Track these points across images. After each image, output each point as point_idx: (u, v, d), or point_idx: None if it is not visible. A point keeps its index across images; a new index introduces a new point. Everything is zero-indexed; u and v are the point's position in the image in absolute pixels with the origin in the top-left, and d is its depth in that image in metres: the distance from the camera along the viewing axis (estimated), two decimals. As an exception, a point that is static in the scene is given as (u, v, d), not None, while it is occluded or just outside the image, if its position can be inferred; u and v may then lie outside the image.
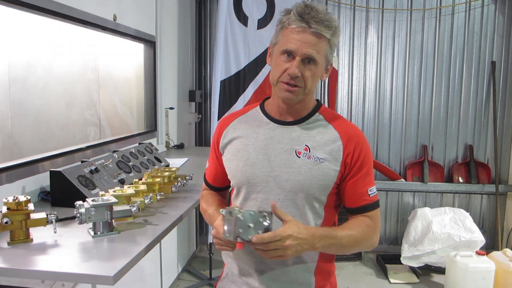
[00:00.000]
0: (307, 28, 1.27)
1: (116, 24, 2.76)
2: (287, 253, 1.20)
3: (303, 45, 1.27)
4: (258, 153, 1.39)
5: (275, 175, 1.36)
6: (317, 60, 1.30)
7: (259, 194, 1.38)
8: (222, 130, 1.50)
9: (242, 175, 1.41)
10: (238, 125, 1.48)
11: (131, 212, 1.64)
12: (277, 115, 1.42)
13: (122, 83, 3.18)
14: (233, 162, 1.44)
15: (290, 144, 1.37)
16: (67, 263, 1.32)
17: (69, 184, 1.84)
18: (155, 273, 3.30)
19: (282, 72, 1.31)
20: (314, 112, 1.42)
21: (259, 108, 1.49)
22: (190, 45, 4.34)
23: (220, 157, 1.51)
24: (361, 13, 4.29)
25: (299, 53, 1.28)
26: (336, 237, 1.30)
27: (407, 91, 4.33)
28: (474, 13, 4.17)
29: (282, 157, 1.36)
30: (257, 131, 1.43)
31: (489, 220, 4.35)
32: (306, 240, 1.22)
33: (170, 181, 2.21)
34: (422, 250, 3.79)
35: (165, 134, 3.67)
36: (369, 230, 1.37)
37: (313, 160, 1.34)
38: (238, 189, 1.45)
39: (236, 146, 1.45)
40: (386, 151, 4.41)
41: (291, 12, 1.30)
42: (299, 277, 1.41)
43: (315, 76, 1.33)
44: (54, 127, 2.37)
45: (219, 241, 1.26)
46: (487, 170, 4.28)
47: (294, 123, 1.40)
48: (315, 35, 1.27)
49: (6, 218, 1.40)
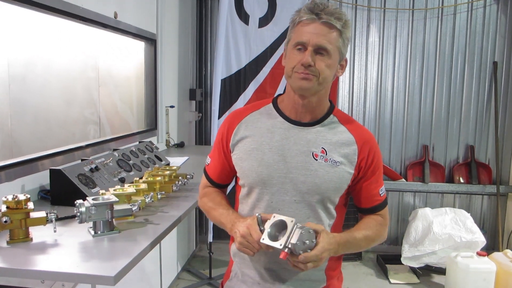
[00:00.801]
0: (317, 19, 1.28)
1: (117, 21, 2.74)
2: (319, 264, 1.24)
3: (314, 36, 1.28)
4: (273, 154, 1.38)
5: (292, 177, 1.36)
6: (329, 50, 1.29)
7: (274, 195, 1.38)
8: (233, 126, 1.46)
9: (257, 176, 1.38)
10: (251, 122, 1.45)
11: (132, 211, 1.62)
12: (293, 114, 1.41)
13: (122, 81, 3.16)
14: (247, 161, 1.41)
15: (307, 146, 1.37)
16: (67, 263, 1.30)
17: (69, 182, 1.82)
18: (155, 273, 3.28)
19: (295, 63, 1.31)
20: (329, 114, 1.42)
21: (272, 105, 1.47)
22: (190, 44, 4.32)
23: (228, 154, 1.47)
24: (363, 12, 4.27)
25: (310, 43, 1.28)
26: (355, 240, 1.35)
27: (409, 91, 4.31)
28: (476, 13, 4.16)
29: (299, 159, 1.36)
30: (272, 131, 1.41)
31: (490, 221, 4.34)
32: (334, 249, 1.27)
33: (171, 180, 2.19)
34: (423, 250, 3.78)
35: (166, 133, 3.65)
36: (381, 228, 1.44)
37: (330, 163, 1.36)
38: (250, 189, 1.42)
39: (249, 144, 1.42)
40: (387, 151, 4.40)
41: (301, 9, 1.31)
42: (311, 275, 1.41)
43: (329, 67, 1.31)
44: (53, 125, 2.35)
45: (246, 242, 1.25)
46: (488, 170, 4.27)
47: (310, 124, 1.40)
48: (326, 25, 1.28)
49: (5, 217, 1.38)
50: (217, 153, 1.51)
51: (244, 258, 1.46)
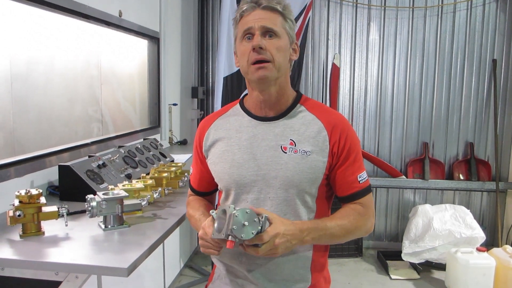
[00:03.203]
0: (257, 6, 1.31)
1: (120, 19, 2.76)
2: (278, 251, 1.20)
3: (258, 20, 1.29)
4: (243, 153, 1.36)
5: (263, 174, 1.33)
6: (277, 31, 1.30)
7: (249, 194, 1.35)
8: (204, 132, 1.47)
9: (229, 177, 1.37)
10: (219, 126, 1.45)
11: (141, 206, 1.65)
12: (258, 110, 1.40)
13: (125, 79, 3.18)
14: (219, 164, 1.40)
15: (274, 140, 1.35)
16: (80, 255, 1.33)
17: (78, 178, 1.85)
18: (158, 269, 3.31)
19: (247, 54, 1.30)
20: (295, 104, 1.40)
21: (239, 106, 1.46)
22: (192, 42, 4.35)
23: (204, 161, 1.47)
24: (363, 11, 4.30)
25: (256, 27, 1.29)
26: (326, 228, 1.28)
27: (409, 89, 4.35)
28: (476, 11, 4.19)
29: (268, 154, 1.34)
30: (240, 130, 1.40)
31: (489, 217, 4.38)
32: (294, 235, 1.21)
33: (176, 176, 2.22)
34: (423, 246, 3.81)
35: (169, 130, 3.68)
36: (360, 218, 1.35)
37: (300, 154, 1.32)
38: (227, 191, 1.41)
39: (220, 148, 1.41)
40: (387, 148, 4.44)
41: (240, 4, 1.35)
42: (295, 274, 1.39)
43: (281, 50, 1.31)
44: (56, 124, 2.35)
45: (206, 243, 1.24)
46: (487, 167, 4.31)
47: (276, 118, 1.38)
48: (267, 9, 1.31)
49: (18, 211, 1.41)
50: (195, 161, 1.52)
51: (224, 260, 1.44)
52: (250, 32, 1.30)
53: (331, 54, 4.37)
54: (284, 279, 1.38)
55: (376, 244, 4.53)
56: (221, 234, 1.15)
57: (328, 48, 4.36)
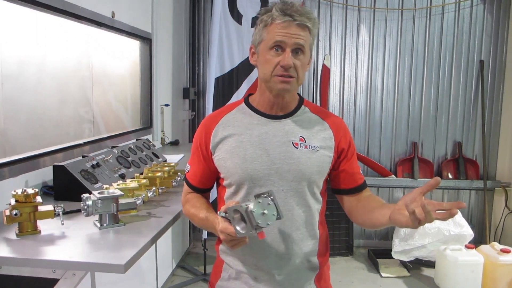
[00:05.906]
0: (292, 21, 1.33)
1: (112, 20, 2.77)
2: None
3: (292, 36, 1.33)
4: (255, 148, 1.41)
5: (277, 168, 1.39)
6: (305, 49, 1.36)
7: (262, 188, 1.39)
8: (211, 129, 1.48)
9: (243, 172, 1.40)
10: (227, 123, 1.47)
11: (136, 205, 1.67)
12: (268, 109, 1.45)
13: (117, 80, 3.18)
14: (230, 160, 1.43)
15: (286, 136, 1.42)
16: (77, 253, 1.34)
17: (73, 178, 1.87)
18: (151, 269, 3.32)
19: (274, 66, 1.34)
20: (300, 105, 1.49)
21: (245, 105, 1.51)
22: (184, 43, 4.36)
23: (208, 158, 1.48)
24: (353, 12, 4.35)
25: (289, 44, 1.32)
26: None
27: (398, 89, 4.41)
28: (464, 13, 4.26)
29: (281, 149, 1.40)
30: (250, 127, 1.44)
31: (478, 215, 4.46)
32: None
33: (170, 176, 2.24)
34: (413, 244, 3.86)
35: (161, 131, 3.69)
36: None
37: (310, 149, 1.41)
38: (238, 186, 1.44)
39: (230, 144, 1.44)
40: (377, 148, 4.49)
41: (272, 9, 1.35)
42: (306, 262, 1.46)
43: (304, 66, 1.38)
44: (47, 124, 2.34)
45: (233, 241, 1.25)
46: (475, 166, 4.38)
47: (285, 116, 1.46)
48: (300, 27, 1.33)
49: (15, 210, 1.42)
50: (196, 159, 1.52)
51: (236, 255, 1.47)
52: (281, 46, 1.34)
53: (321, 55, 4.41)
54: (295, 267, 1.44)
55: (367, 242, 4.58)
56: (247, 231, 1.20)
57: (318, 49, 4.40)
